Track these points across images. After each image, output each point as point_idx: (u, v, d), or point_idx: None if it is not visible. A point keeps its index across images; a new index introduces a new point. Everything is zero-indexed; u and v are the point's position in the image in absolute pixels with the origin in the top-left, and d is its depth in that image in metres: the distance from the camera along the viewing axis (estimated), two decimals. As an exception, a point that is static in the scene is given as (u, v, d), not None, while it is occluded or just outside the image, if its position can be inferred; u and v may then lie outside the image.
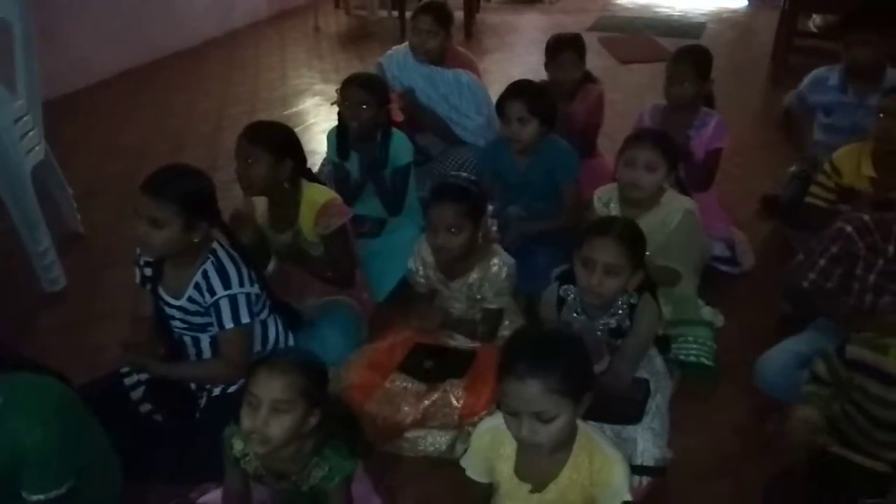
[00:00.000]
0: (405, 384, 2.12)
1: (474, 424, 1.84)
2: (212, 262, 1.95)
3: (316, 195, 2.39)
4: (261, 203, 2.45)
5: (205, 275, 1.94)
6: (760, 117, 4.45)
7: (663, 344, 2.23)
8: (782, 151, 3.61)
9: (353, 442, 1.62)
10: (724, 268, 2.79)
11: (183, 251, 1.92)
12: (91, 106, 4.66)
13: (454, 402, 2.04)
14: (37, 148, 2.80)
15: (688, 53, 2.82)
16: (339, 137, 2.82)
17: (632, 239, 1.88)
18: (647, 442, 1.91)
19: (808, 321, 2.27)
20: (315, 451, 1.58)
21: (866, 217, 2.09)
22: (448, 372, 2.13)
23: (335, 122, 2.83)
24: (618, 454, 1.49)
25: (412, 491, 1.99)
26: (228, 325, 1.94)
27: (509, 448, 1.50)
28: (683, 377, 2.26)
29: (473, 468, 1.58)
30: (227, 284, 1.93)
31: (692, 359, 2.29)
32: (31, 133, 2.76)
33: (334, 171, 2.91)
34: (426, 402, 2.06)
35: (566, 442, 1.46)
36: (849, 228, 2.08)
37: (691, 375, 2.28)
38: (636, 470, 1.90)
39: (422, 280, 2.31)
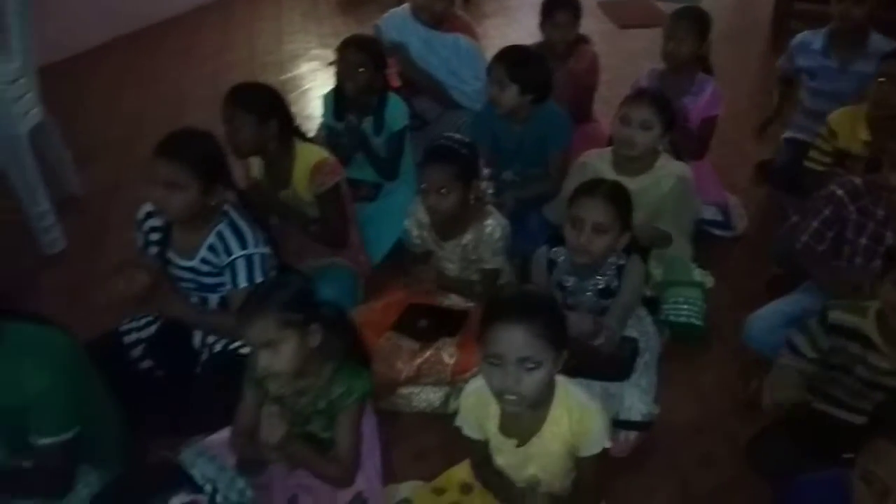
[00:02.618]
0: (399, 342, 2.17)
1: (466, 381, 1.87)
2: (226, 223, 1.98)
3: (309, 155, 2.41)
4: (256, 164, 2.47)
5: (220, 236, 1.97)
6: (758, 83, 4.41)
7: (653, 304, 2.27)
8: (778, 117, 3.60)
9: (363, 362, 1.70)
10: (717, 231, 2.82)
11: (197, 214, 1.95)
12: (86, 73, 4.63)
13: (447, 359, 2.09)
14: (33, 111, 2.80)
15: (687, 12, 2.82)
16: (336, 100, 2.82)
17: (619, 199, 1.91)
18: (634, 398, 1.96)
19: (797, 283, 2.30)
20: (334, 373, 1.66)
21: (858, 181, 2.12)
22: (441, 331, 2.18)
23: (332, 86, 2.83)
24: (595, 404, 1.52)
25: (407, 445, 2.05)
26: (243, 284, 1.96)
27: (494, 407, 1.54)
28: (673, 337, 2.30)
29: (468, 427, 1.61)
30: (243, 244, 1.96)
31: (682, 319, 2.32)
32: (27, 96, 2.76)
33: (329, 135, 2.91)
34: (420, 359, 2.10)
35: (545, 399, 1.50)
36: (840, 192, 2.10)
37: (681, 335, 2.32)
38: (623, 425, 1.96)
39: (417, 241, 2.34)
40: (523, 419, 1.51)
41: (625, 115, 2.28)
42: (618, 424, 1.95)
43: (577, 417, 1.50)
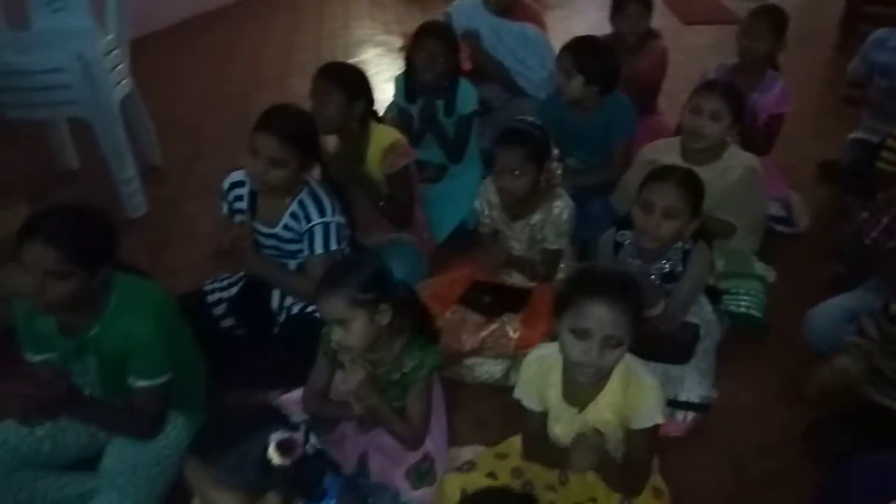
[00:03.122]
0: (465, 316, 2.25)
1: (523, 356, 1.95)
2: (307, 191, 2.10)
3: (384, 136, 2.51)
4: (332, 140, 2.58)
5: (301, 204, 2.08)
6: (824, 84, 4.37)
7: (715, 294, 2.31)
8: (844, 119, 3.57)
9: (432, 337, 1.80)
10: (779, 228, 2.83)
11: (290, 186, 2.06)
12: (159, 50, 4.83)
13: (511, 333, 2.17)
14: (124, 81, 2.97)
15: (767, 11, 2.85)
16: (407, 83, 2.91)
17: (691, 186, 1.96)
18: (694, 381, 2.01)
19: (859, 282, 2.31)
20: (405, 348, 1.76)
21: (929, 180, 2.12)
22: (505, 306, 2.26)
23: (395, 73, 2.92)
24: (652, 380, 1.57)
25: (468, 413, 2.14)
26: (319, 250, 2.07)
27: (556, 375, 1.61)
28: (732, 327, 2.34)
29: (527, 398, 1.67)
30: (322, 212, 2.08)
31: (742, 310, 2.35)
32: (119, 66, 2.93)
33: (399, 117, 3.00)
34: (484, 332, 2.19)
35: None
36: (912, 190, 2.11)
37: (740, 326, 2.35)
38: (681, 405, 2.01)
39: (486, 220, 2.42)
40: (584, 387, 1.57)
41: (695, 104, 2.32)
42: (676, 405, 2.01)
43: (633, 390, 1.55)
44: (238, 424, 1.33)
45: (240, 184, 2.18)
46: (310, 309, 2.20)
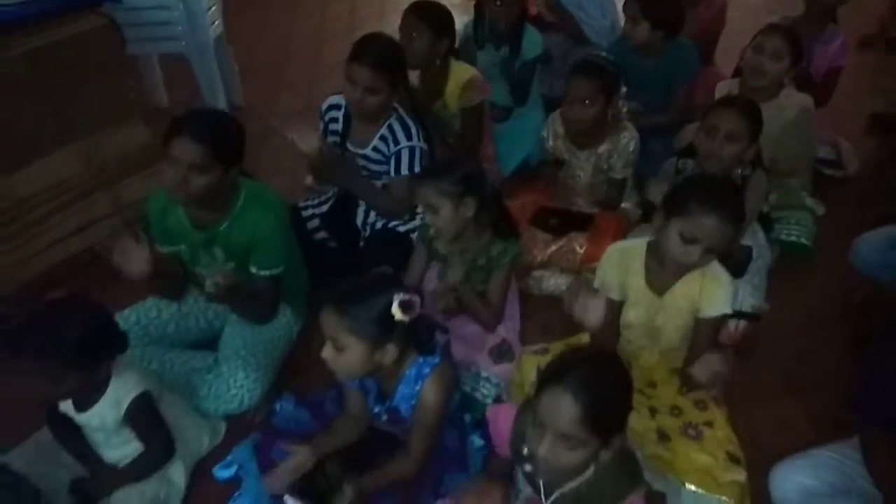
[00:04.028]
0: (534, 234, 2.47)
1: (591, 270, 2.16)
2: (396, 118, 2.31)
3: (463, 71, 2.72)
4: (413, 75, 2.79)
5: (390, 128, 2.30)
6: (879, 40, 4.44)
7: (767, 222, 2.48)
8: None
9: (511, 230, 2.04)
10: (828, 171, 2.97)
11: (383, 111, 2.27)
12: (238, 4, 5.07)
13: (577, 248, 2.39)
14: (217, 23, 3.22)
15: None
16: (476, 28, 3.10)
17: (751, 113, 2.13)
18: (746, 293, 2.21)
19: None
20: (491, 239, 2.01)
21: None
22: (571, 227, 2.47)
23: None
24: (727, 276, 1.78)
25: (536, 320, 2.36)
26: (404, 172, 2.28)
27: (638, 264, 1.83)
28: (783, 254, 2.51)
29: (608, 287, 1.87)
30: (409, 136, 2.29)
31: (793, 238, 2.54)
32: (213, 8, 3.17)
33: (467, 61, 3.19)
34: (553, 247, 2.41)
35: None
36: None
37: (790, 253, 2.53)
38: (734, 315, 2.20)
39: (552, 150, 2.62)
40: (665, 275, 1.78)
41: (759, 43, 2.49)
42: (729, 315, 2.20)
43: (708, 281, 1.76)
44: (367, 285, 1.57)
45: (336, 107, 2.41)
46: (391, 224, 2.44)
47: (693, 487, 1.71)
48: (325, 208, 2.54)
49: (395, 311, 1.52)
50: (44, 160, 2.29)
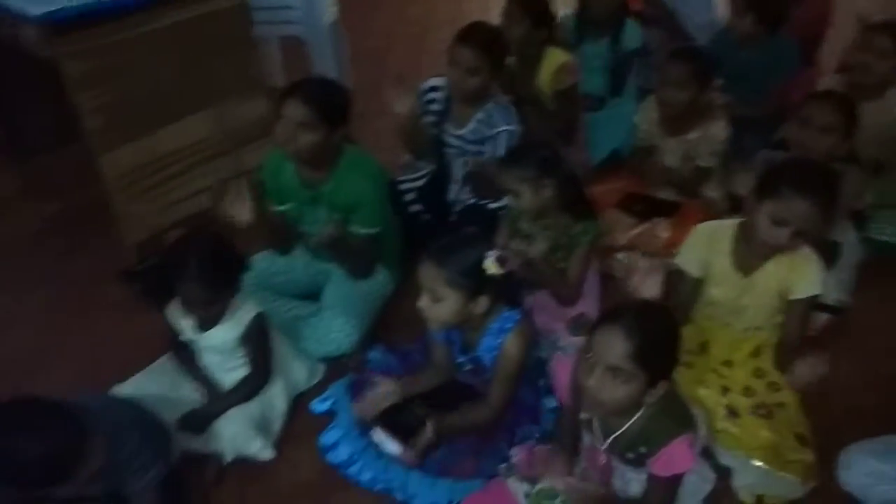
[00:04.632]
0: (619, 217, 2.55)
1: (673, 255, 2.23)
2: (493, 102, 2.45)
3: (556, 56, 2.85)
4: (510, 62, 2.92)
5: (488, 112, 2.45)
6: None
7: (861, 221, 2.47)
8: None
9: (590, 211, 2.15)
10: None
11: (482, 92, 2.42)
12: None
13: (661, 233, 2.47)
14: (333, 8, 3.47)
15: None
16: (578, 22, 3.19)
17: (847, 108, 2.15)
18: (831, 285, 2.20)
19: None
20: (572, 219, 2.13)
21: None
22: (657, 213, 2.54)
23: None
24: (815, 257, 1.82)
25: (615, 301, 2.44)
26: (501, 153, 2.41)
27: (725, 244, 1.89)
28: (874, 254, 2.48)
29: (690, 264, 1.95)
30: (508, 121, 2.44)
31: (885, 238, 2.51)
32: (329, -7, 3.43)
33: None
34: (635, 231, 2.50)
35: None
36: None
37: (882, 253, 2.50)
38: (819, 307, 2.22)
39: (643, 135, 2.69)
40: (753, 256, 1.83)
41: (864, 41, 2.48)
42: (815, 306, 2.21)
43: (798, 262, 1.81)
44: (463, 241, 1.73)
45: (436, 88, 2.58)
46: (482, 202, 2.59)
47: (760, 463, 1.78)
48: (420, 183, 2.72)
49: (491, 264, 1.67)
50: (179, 123, 2.59)
